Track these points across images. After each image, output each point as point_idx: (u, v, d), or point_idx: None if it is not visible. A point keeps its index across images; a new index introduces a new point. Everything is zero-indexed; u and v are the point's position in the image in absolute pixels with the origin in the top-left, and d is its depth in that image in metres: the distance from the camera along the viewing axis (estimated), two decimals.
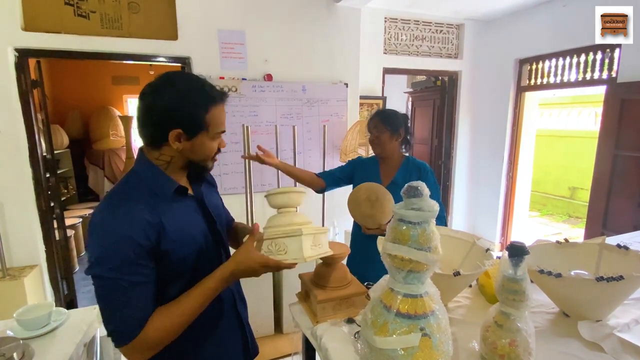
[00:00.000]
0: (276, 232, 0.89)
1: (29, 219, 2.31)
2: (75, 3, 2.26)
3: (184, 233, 0.84)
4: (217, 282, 0.82)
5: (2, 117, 2.17)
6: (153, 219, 0.77)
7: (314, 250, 0.93)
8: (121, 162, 5.11)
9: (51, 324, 1.04)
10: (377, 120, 1.64)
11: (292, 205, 0.98)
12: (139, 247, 0.74)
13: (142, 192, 0.80)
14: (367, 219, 1.48)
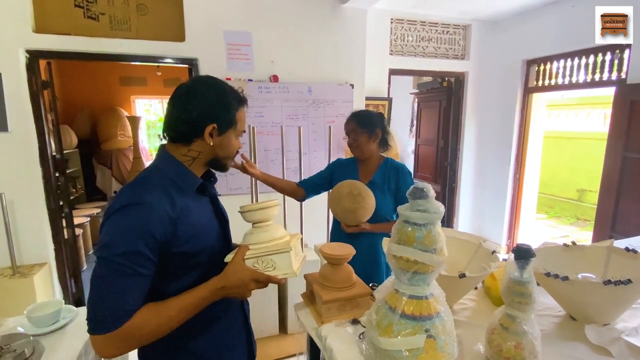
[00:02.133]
0: (262, 249, 0.87)
1: (38, 218, 2.34)
2: (85, 5, 2.30)
3: (199, 229, 0.86)
4: (209, 292, 0.82)
5: (13, 118, 2.20)
6: (173, 212, 0.79)
7: (297, 261, 0.94)
8: (128, 162, 5.17)
9: (60, 321, 1.06)
10: (354, 123, 1.64)
11: (270, 219, 0.95)
12: (152, 239, 0.75)
13: (166, 185, 0.82)
14: (348, 214, 1.49)
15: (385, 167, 1.68)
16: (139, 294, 0.75)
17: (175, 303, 0.79)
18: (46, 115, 2.39)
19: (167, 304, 0.78)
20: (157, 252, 0.77)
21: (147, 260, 0.76)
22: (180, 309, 0.79)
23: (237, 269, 0.83)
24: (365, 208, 1.47)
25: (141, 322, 0.74)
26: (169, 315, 0.77)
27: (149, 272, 0.77)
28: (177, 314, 0.78)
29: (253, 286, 0.84)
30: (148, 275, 0.77)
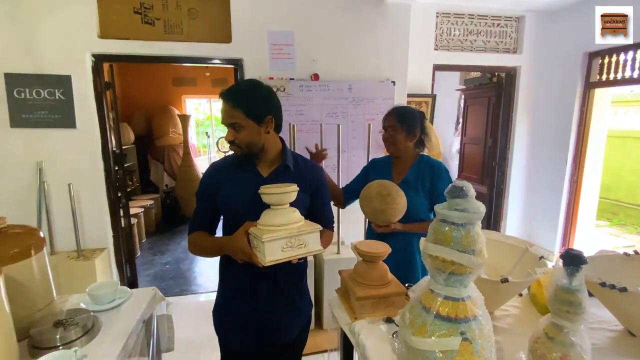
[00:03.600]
0: (294, 230, 1.00)
1: (100, 207, 2.58)
2: (142, 11, 2.48)
3: (233, 195, 1.15)
4: (220, 244, 1.13)
5: (80, 116, 2.44)
6: (218, 177, 1.19)
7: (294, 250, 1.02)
8: (179, 157, 5.50)
9: (116, 300, 1.17)
10: (393, 119, 1.58)
11: (285, 203, 1.04)
12: (206, 189, 1.19)
13: (223, 160, 1.24)
14: (378, 215, 1.45)
15: (420, 165, 1.62)
16: (199, 221, 1.21)
17: (207, 239, 1.18)
18: (108, 114, 2.63)
19: (205, 237, 1.19)
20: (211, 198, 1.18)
21: (205, 201, 1.20)
22: (208, 244, 1.17)
23: (236, 237, 1.04)
24: (396, 208, 1.43)
25: (193, 238, 1.20)
26: (202, 244, 1.18)
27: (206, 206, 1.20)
28: (205, 246, 1.18)
29: (240, 255, 1.03)
30: (206, 209, 1.20)
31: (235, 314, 1.22)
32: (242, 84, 1.18)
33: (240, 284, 1.20)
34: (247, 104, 1.08)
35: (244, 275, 1.17)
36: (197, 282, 3.39)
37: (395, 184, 1.49)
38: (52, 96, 2.38)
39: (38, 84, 2.36)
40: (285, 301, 1.23)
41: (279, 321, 1.23)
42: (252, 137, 1.10)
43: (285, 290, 1.22)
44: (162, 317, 1.32)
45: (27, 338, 0.97)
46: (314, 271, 2.61)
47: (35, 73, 2.35)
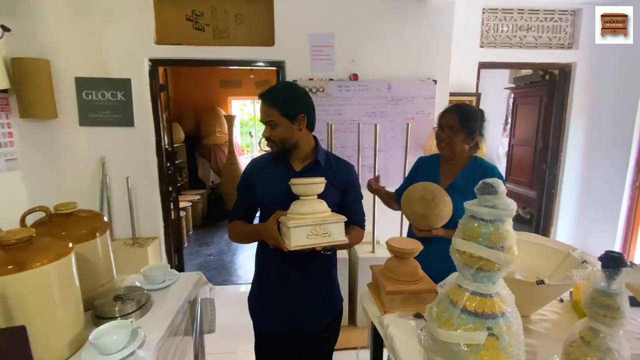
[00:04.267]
0: (319, 219, 1.07)
1: (153, 199, 2.82)
2: (194, 18, 2.67)
3: (267, 187, 1.25)
4: (255, 230, 1.22)
5: (139, 115, 2.68)
6: (255, 171, 1.30)
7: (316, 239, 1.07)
8: (224, 155, 5.78)
9: (166, 281, 1.30)
10: (455, 119, 1.44)
11: (313, 194, 1.12)
12: (245, 181, 1.30)
13: (262, 157, 1.35)
14: (418, 219, 1.37)
15: (472, 168, 1.48)
16: (238, 210, 1.33)
17: (244, 226, 1.29)
18: (162, 114, 2.85)
19: (243, 224, 1.30)
20: (250, 191, 1.29)
21: (244, 194, 1.31)
22: (244, 231, 1.28)
23: (267, 224, 1.13)
24: (439, 215, 1.32)
25: (232, 226, 1.31)
26: (240, 231, 1.29)
27: (245, 197, 1.31)
28: (241, 233, 1.28)
29: (271, 240, 1.12)
30: (244, 200, 1.31)
31: (268, 300, 1.30)
32: (278, 86, 1.29)
33: (273, 272, 1.28)
34: (282, 103, 1.17)
35: (277, 264, 1.25)
36: (237, 274, 3.57)
37: (442, 188, 1.38)
38: (115, 97, 2.64)
39: (103, 87, 2.63)
40: (315, 292, 1.29)
41: (308, 311, 1.29)
42: (286, 134, 1.19)
43: (315, 282, 1.28)
44: (205, 300, 1.43)
45: (91, 309, 1.10)
46: (348, 269, 2.64)
47: (100, 77, 2.62)
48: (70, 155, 2.67)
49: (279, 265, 1.25)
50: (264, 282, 1.32)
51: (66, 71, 2.58)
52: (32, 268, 0.84)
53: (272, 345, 1.35)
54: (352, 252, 2.71)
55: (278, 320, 1.29)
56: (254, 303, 1.36)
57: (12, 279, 0.82)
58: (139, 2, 2.57)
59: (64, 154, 2.66)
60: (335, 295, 1.38)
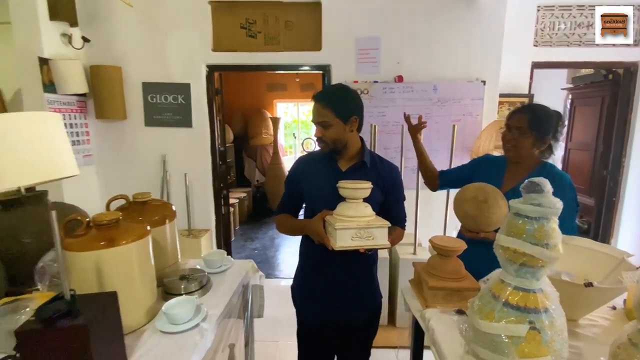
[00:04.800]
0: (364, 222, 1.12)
1: (207, 195, 3.04)
2: (247, 26, 2.85)
3: (314, 185, 1.32)
4: (299, 225, 1.33)
5: (196, 117, 2.92)
6: (303, 169, 1.38)
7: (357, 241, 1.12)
8: (269, 156, 6.02)
9: (223, 267, 1.43)
10: (524, 119, 1.35)
11: (359, 198, 1.16)
12: (293, 178, 1.39)
13: (309, 156, 1.44)
14: (468, 220, 1.33)
15: (540, 174, 1.34)
16: (285, 204, 1.42)
17: (291, 220, 1.39)
18: (216, 116, 3.07)
19: (289, 218, 1.40)
20: (296, 186, 1.37)
21: (291, 188, 1.39)
22: (290, 224, 1.37)
23: (313, 221, 1.21)
24: (490, 218, 1.26)
25: (280, 218, 1.41)
26: (287, 224, 1.38)
27: (292, 192, 1.39)
28: (288, 225, 1.38)
29: (316, 237, 1.20)
30: (291, 196, 1.40)
31: (310, 291, 1.39)
32: (333, 88, 1.34)
33: (316, 266, 1.35)
34: (337, 104, 1.23)
35: (320, 258, 1.31)
36: (280, 269, 3.72)
37: (499, 191, 1.30)
38: (176, 101, 2.90)
39: (166, 91, 2.90)
40: (355, 287, 1.34)
41: (348, 304, 1.35)
42: (338, 135, 1.25)
43: (355, 278, 1.34)
44: (255, 286, 1.55)
45: (161, 286, 1.26)
46: (389, 269, 2.67)
47: (164, 82, 2.89)
48: (136, 152, 2.97)
49: (322, 259, 1.31)
50: (306, 274, 1.40)
51: (135, 77, 2.88)
52: (119, 245, 1.00)
53: (314, 334, 1.43)
54: (393, 252, 2.73)
55: (320, 311, 1.36)
56: (298, 293, 1.44)
57: (104, 253, 0.98)
58: (199, 13, 2.81)
59: (131, 151, 2.97)
60: (374, 291, 1.43)
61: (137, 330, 1.04)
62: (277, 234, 4.80)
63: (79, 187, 2.73)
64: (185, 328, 1.02)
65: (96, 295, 0.87)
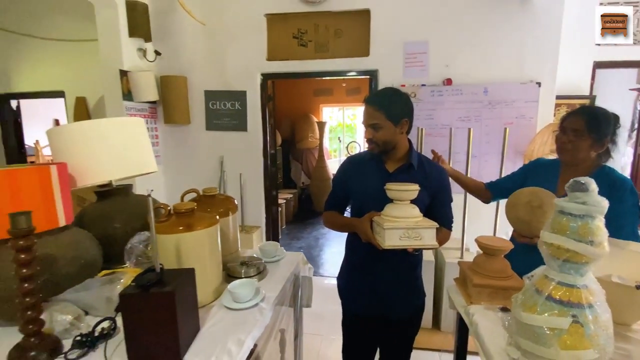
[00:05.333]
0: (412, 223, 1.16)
1: (258, 194, 3.25)
2: (299, 36, 3.02)
3: (362, 185, 1.39)
4: (347, 223, 1.39)
5: (251, 121, 3.15)
6: (350, 170, 1.45)
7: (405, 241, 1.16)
8: (314, 159, 6.20)
9: (276, 257, 1.57)
10: (581, 122, 1.31)
11: (406, 200, 1.20)
12: (340, 178, 1.47)
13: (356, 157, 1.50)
14: (521, 225, 1.31)
15: (598, 178, 1.25)
16: (333, 202, 1.49)
17: (339, 217, 1.46)
18: (268, 121, 3.28)
19: (337, 215, 1.47)
20: (343, 185, 1.45)
21: (339, 187, 1.47)
22: (339, 221, 1.44)
23: (362, 221, 1.26)
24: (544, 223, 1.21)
25: (328, 214, 1.49)
26: (335, 221, 1.45)
27: (340, 192, 1.47)
28: (337, 222, 1.45)
29: (363, 236, 1.25)
30: (339, 194, 1.48)
31: (356, 284, 1.46)
32: (385, 91, 1.36)
33: (362, 261, 1.41)
34: (388, 107, 1.28)
35: (366, 255, 1.37)
36: (324, 267, 3.83)
37: (554, 196, 1.25)
38: (233, 107, 3.15)
39: (224, 98, 3.16)
40: (399, 284, 1.40)
41: (392, 300, 1.41)
42: (389, 136, 1.30)
43: (399, 275, 1.40)
44: (305, 277, 1.67)
45: (224, 270, 1.42)
46: (434, 273, 2.66)
47: (223, 89, 3.16)
48: (197, 154, 3.27)
49: (368, 256, 1.37)
50: (353, 269, 1.47)
51: (198, 85, 3.18)
52: (195, 230, 1.16)
53: (358, 326, 1.50)
54: (439, 256, 2.72)
55: (365, 304, 1.44)
56: (344, 286, 1.52)
57: (182, 237, 1.14)
58: (256, 26, 3.03)
59: (192, 153, 3.27)
60: (418, 289, 1.48)
61: (206, 305, 1.20)
62: (321, 235, 4.94)
63: (147, 182, 3.06)
64: (247, 306, 1.16)
65: (178, 270, 1.04)
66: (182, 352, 0.92)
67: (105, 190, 1.51)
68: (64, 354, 0.94)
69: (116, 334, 1.01)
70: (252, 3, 3.00)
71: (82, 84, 3.64)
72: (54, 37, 3.64)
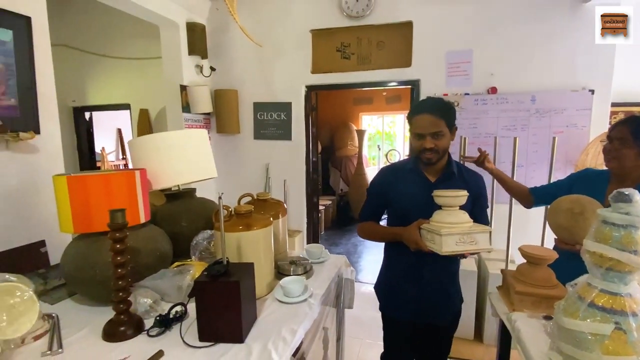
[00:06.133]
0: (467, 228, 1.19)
1: (300, 199, 3.40)
2: (342, 49, 3.15)
3: (404, 195, 1.42)
4: (391, 233, 1.42)
5: (295, 131, 3.32)
6: (390, 180, 1.47)
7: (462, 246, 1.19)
8: (353, 167, 6.28)
9: (321, 258, 1.68)
10: (626, 130, 1.33)
11: (456, 206, 1.22)
12: (378, 188, 1.49)
13: (394, 167, 1.54)
14: (562, 232, 1.32)
15: None
16: (371, 212, 1.52)
17: (381, 228, 1.49)
18: (311, 130, 3.43)
19: (377, 226, 1.51)
20: (382, 196, 1.47)
21: (377, 197, 1.49)
22: (380, 232, 1.48)
23: (410, 230, 1.29)
24: (586, 230, 1.15)
25: (366, 226, 1.51)
26: (374, 231, 1.49)
27: (377, 202, 1.51)
28: (378, 233, 1.49)
29: (413, 245, 1.27)
30: (376, 205, 1.51)
31: (400, 292, 1.49)
32: (439, 100, 1.38)
33: (408, 269, 1.45)
34: (447, 115, 1.34)
35: (412, 263, 1.42)
36: (362, 274, 3.88)
37: (597, 202, 1.27)
38: (279, 117, 3.34)
39: (271, 109, 3.36)
40: (441, 290, 1.46)
41: (435, 306, 1.46)
42: (447, 144, 1.36)
43: (441, 281, 1.45)
44: (347, 280, 1.75)
45: (275, 268, 1.55)
46: (477, 285, 2.63)
47: (270, 101, 3.36)
48: (245, 161, 3.49)
49: (414, 264, 1.41)
50: (395, 277, 1.51)
51: (248, 97, 3.41)
52: (252, 230, 1.30)
53: (402, 333, 1.55)
54: (483, 266, 2.68)
55: (410, 311, 1.47)
56: (386, 294, 1.56)
57: (242, 235, 1.29)
58: (302, 41, 3.21)
59: (241, 160, 3.50)
60: (457, 293, 1.53)
61: (261, 298, 1.33)
62: (359, 242, 4.98)
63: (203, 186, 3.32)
64: (298, 300, 1.27)
65: (240, 264, 1.18)
66: (244, 335, 1.05)
67: (174, 193, 1.71)
68: (146, 330, 1.10)
69: (186, 318, 1.16)
70: (299, 20, 3.19)
71: (145, 97, 4.04)
72: (123, 56, 4.09)
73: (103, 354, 1.00)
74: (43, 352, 1.02)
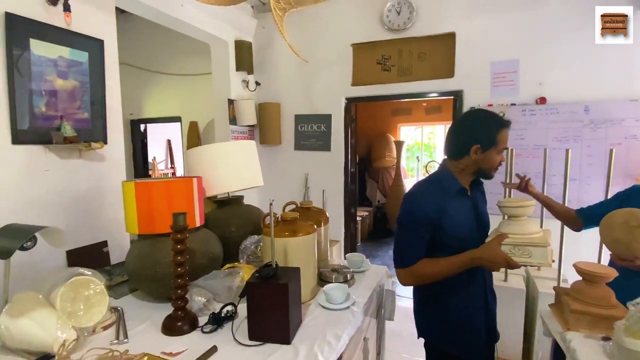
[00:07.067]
0: (520, 239, 1.12)
1: (338, 210, 3.44)
2: (383, 62, 3.19)
3: (457, 219, 1.22)
4: (468, 259, 1.16)
5: (334, 142, 3.39)
6: (440, 204, 1.21)
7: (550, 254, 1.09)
8: (390, 178, 6.22)
9: (362, 267, 1.69)
10: None
11: (524, 215, 1.16)
12: (427, 217, 1.20)
13: (437, 187, 1.26)
14: (618, 246, 1.26)
15: None
16: (419, 249, 1.22)
17: (444, 261, 1.19)
18: (350, 141, 3.47)
19: (438, 260, 1.20)
20: (430, 226, 1.21)
21: (424, 229, 1.21)
22: (446, 266, 1.19)
23: (493, 247, 1.13)
24: None
25: (420, 268, 1.21)
26: (439, 268, 1.19)
27: (426, 236, 1.21)
28: (443, 269, 1.19)
29: (497, 265, 1.12)
30: (425, 239, 1.22)
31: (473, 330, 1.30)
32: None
33: (474, 302, 1.30)
34: None
35: (483, 291, 1.31)
36: (399, 288, 3.80)
37: None
38: (319, 129, 3.42)
39: (312, 121, 3.46)
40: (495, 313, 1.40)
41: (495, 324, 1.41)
42: None
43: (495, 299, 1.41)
44: (388, 291, 1.75)
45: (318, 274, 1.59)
46: (525, 305, 2.49)
47: (311, 113, 3.46)
48: (286, 171, 3.60)
49: (485, 292, 1.31)
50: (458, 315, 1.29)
51: (289, 110, 3.54)
52: (298, 236, 1.36)
53: None
54: (531, 285, 2.54)
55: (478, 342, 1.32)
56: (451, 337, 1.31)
57: (288, 240, 1.35)
58: (343, 55, 3.30)
59: (282, 170, 3.61)
60: None
61: (304, 303, 1.37)
62: None
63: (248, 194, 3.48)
64: (341, 307, 1.30)
65: (287, 268, 1.23)
66: (291, 337, 1.10)
67: (223, 199, 1.82)
68: (200, 327, 1.18)
69: (236, 317, 1.23)
70: (340, 35, 3.28)
71: (195, 110, 4.32)
72: (176, 72, 4.41)
73: (163, 346, 1.09)
74: (111, 341, 1.12)
